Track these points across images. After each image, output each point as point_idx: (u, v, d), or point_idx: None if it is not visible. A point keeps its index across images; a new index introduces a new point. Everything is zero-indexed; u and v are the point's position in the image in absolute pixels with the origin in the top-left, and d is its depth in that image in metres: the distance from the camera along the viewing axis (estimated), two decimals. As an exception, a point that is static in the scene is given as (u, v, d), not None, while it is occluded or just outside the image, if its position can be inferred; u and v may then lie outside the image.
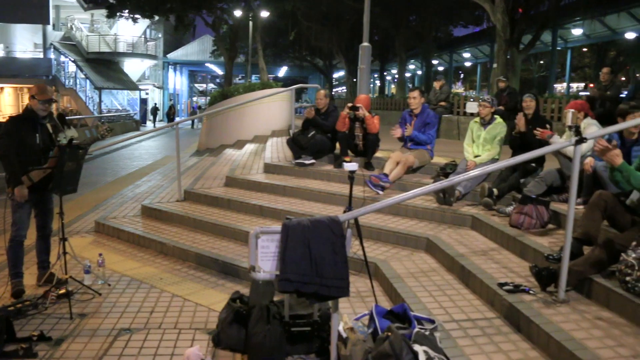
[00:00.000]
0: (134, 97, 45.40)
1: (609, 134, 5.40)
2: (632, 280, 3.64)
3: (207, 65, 52.52)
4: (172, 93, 51.51)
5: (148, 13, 28.68)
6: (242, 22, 30.79)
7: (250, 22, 30.17)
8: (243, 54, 38.44)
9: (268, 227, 3.08)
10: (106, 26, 41.92)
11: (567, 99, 11.27)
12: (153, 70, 48.77)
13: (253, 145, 11.24)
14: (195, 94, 63.08)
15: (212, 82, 65.57)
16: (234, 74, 38.99)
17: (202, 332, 4.24)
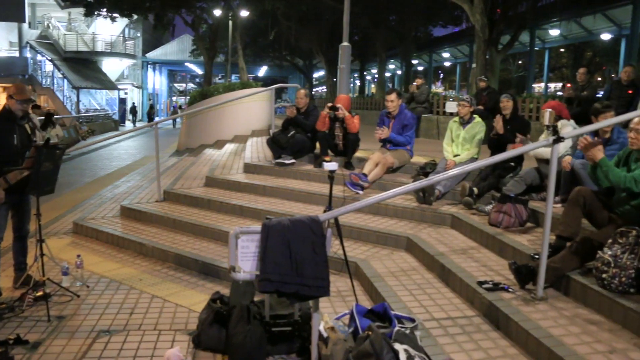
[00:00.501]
0: (113, 97, 44.95)
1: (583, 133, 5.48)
2: (608, 277, 3.70)
3: (186, 65, 52.19)
4: (151, 93, 51.10)
5: (126, 12, 28.43)
6: (222, 21, 30.64)
7: (230, 21, 30.04)
8: (223, 53, 38.31)
9: (248, 227, 3.08)
10: (84, 25, 41.45)
11: (545, 99, 11.40)
12: (132, 69, 48.35)
13: (233, 145, 11.20)
14: (174, 94, 62.70)
15: (192, 81, 65.21)
16: (214, 73, 38.84)
17: (182, 333, 4.22)
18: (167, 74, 57.07)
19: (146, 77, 50.24)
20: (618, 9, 20.56)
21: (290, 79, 54.39)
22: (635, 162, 4.11)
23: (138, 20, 41.59)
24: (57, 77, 38.34)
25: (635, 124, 4.05)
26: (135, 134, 27.40)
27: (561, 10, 20.11)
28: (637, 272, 3.64)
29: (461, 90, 35.65)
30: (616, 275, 3.66)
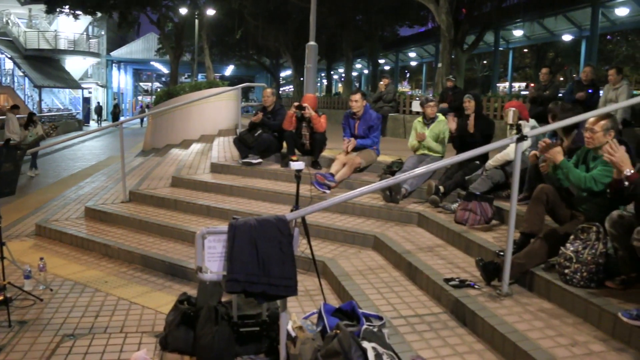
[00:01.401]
0: (77, 96, 44.14)
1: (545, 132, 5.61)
2: (570, 272, 3.79)
3: (152, 64, 51.57)
4: (116, 92, 50.33)
5: (90, 9, 27.96)
6: (188, 20, 30.39)
7: (196, 20, 29.79)
8: (189, 52, 37.95)
9: (215, 228, 3.06)
10: (45, 22, 40.54)
11: (510, 98, 11.61)
12: (96, 68, 47.52)
13: (200, 144, 11.12)
14: (140, 93, 61.87)
15: (158, 80, 64.45)
16: (180, 72, 38.50)
17: (149, 335, 4.17)
18: (132, 73, 56.29)
19: (111, 76, 49.46)
20: (578, 11, 21.03)
21: (257, 78, 54.24)
22: (594, 160, 4.22)
23: (102, 18, 40.87)
24: (17, 76, 37.48)
25: (591, 124, 4.17)
26: (100, 134, 26.95)
27: (524, 11, 20.47)
28: (597, 267, 3.74)
29: (427, 90, 36.01)
30: (578, 271, 3.75)
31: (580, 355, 3.16)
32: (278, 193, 7.07)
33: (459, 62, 17.82)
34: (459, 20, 17.63)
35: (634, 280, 3.71)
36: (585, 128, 4.24)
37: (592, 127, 4.14)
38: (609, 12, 20.39)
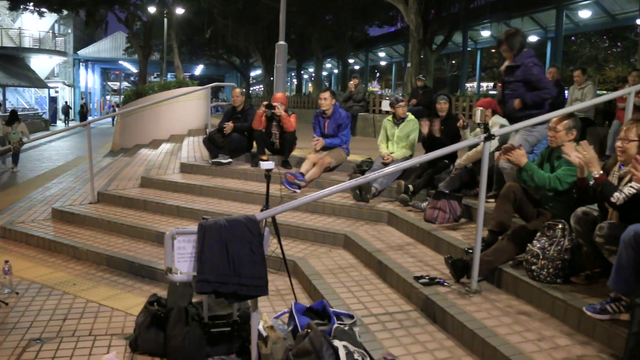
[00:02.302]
0: (43, 96, 43.28)
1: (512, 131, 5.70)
2: (537, 269, 3.86)
3: (120, 63, 50.89)
4: (84, 91, 49.52)
5: (55, 7, 27.42)
6: (157, 18, 30.04)
7: (165, 19, 29.49)
8: (158, 51, 37.56)
9: (184, 228, 3.04)
10: (9, 19, 39.63)
11: (478, 98, 11.77)
12: (63, 67, 46.68)
13: (169, 144, 11.02)
14: (108, 92, 61.00)
15: (126, 80, 63.65)
16: (149, 71, 38.01)
17: (119, 338, 4.11)
18: (100, 72, 55.46)
19: (78, 75, 48.65)
20: (543, 12, 21.43)
21: (227, 78, 53.93)
22: (558, 159, 4.32)
23: (68, 16, 40.14)
24: (-21, 74, 36.60)
25: (554, 123, 4.27)
26: (68, 134, 26.47)
27: (491, 12, 20.75)
28: (563, 263, 3.82)
29: (397, 89, 36.25)
30: (544, 267, 3.83)
31: (546, 350, 3.22)
32: (248, 193, 7.06)
33: (427, 61, 17.98)
34: (428, 21, 17.79)
35: (597, 275, 3.81)
36: (549, 127, 4.34)
37: (555, 126, 4.25)
38: (573, 14, 20.83)
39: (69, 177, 10.58)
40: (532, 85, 5.03)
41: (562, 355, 3.16)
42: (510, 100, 5.24)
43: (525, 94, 5.10)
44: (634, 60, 21.25)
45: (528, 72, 5.02)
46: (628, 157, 3.53)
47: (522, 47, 5.11)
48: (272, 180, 4.70)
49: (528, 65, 5.02)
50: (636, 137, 3.48)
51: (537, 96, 5.06)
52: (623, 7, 19.19)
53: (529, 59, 5.05)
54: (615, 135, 8.12)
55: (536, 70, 5.05)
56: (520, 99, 5.16)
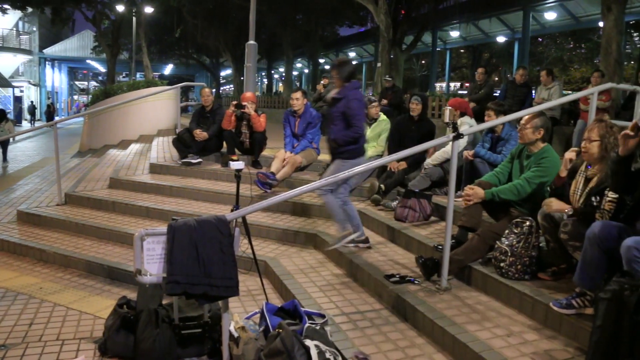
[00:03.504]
0: (7, 95, 42.34)
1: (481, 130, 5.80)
2: (505, 266, 3.93)
3: (88, 62, 50.10)
4: (50, 91, 48.61)
5: (19, 4, 26.84)
6: (125, 17, 29.66)
7: (134, 17, 29.12)
8: (126, 50, 37.11)
9: (153, 229, 3.01)
10: (-31, 16, 38.75)
11: (447, 97, 11.90)
12: (28, 66, 45.71)
13: (138, 145, 10.90)
14: (75, 92, 59.99)
15: (94, 79, 62.69)
16: (118, 71, 37.51)
17: (87, 342, 4.05)
18: (67, 72, 54.51)
19: (44, 74, 47.72)
20: (511, 14, 21.79)
21: (197, 78, 53.52)
22: (527, 158, 4.40)
23: (33, 14, 39.35)
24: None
25: (523, 122, 4.36)
26: (33, 134, 25.97)
27: (460, 13, 21.00)
28: (531, 260, 3.89)
29: (367, 89, 36.41)
30: (513, 264, 3.89)
31: (515, 345, 3.28)
32: (218, 193, 7.02)
33: (397, 61, 18.09)
34: (398, 21, 17.91)
35: (564, 271, 3.89)
36: (519, 125, 4.43)
37: (524, 124, 4.33)
38: (539, 16, 21.22)
39: (35, 179, 10.37)
40: (349, 119, 4.82)
41: (530, 349, 3.22)
42: (331, 132, 4.98)
43: (342, 131, 4.87)
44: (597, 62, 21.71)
45: (348, 106, 4.82)
46: (590, 157, 3.62)
47: (350, 78, 4.91)
48: (242, 180, 4.66)
49: (349, 98, 4.83)
50: (598, 137, 3.57)
51: (347, 136, 4.85)
52: (586, 10, 19.63)
53: (352, 92, 4.87)
54: (579, 134, 8.31)
55: (354, 105, 4.82)
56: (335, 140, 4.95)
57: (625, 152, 3.01)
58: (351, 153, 4.91)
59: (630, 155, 3.02)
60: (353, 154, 4.92)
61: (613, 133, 3.54)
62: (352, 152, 4.91)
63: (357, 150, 4.94)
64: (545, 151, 4.33)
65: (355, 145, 4.92)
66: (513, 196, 4.28)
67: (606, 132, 3.55)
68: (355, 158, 4.92)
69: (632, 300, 2.46)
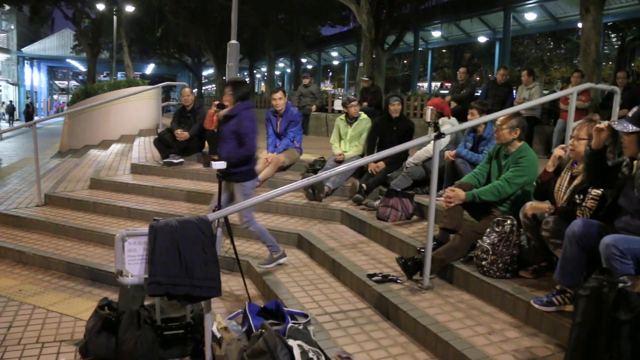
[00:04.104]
0: (-16, 95, 41.85)
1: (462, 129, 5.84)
2: (487, 264, 3.96)
3: (68, 61, 49.58)
4: (29, 90, 48.00)
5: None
6: (106, 16, 29.37)
7: (115, 16, 28.86)
8: (107, 50, 36.73)
9: (135, 230, 2.99)
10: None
11: (429, 97, 11.96)
12: (6, 65, 45.14)
13: (119, 145, 10.80)
14: (55, 92, 59.34)
15: (75, 79, 62.05)
16: (98, 70, 37.18)
17: (68, 344, 4.01)
18: (46, 71, 53.89)
19: (23, 73, 47.13)
20: (492, 14, 21.93)
21: (179, 77, 53.22)
22: (505, 158, 4.45)
23: (11, 11, 38.80)
24: None
25: (500, 122, 4.40)
26: (12, 134, 25.65)
27: (442, 13, 21.08)
28: (512, 258, 3.93)
29: (350, 88, 36.46)
30: (494, 262, 3.93)
31: (497, 343, 3.31)
32: (200, 193, 7.00)
33: (379, 61, 18.14)
34: (380, 21, 17.94)
35: (545, 269, 3.94)
36: (495, 126, 4.48)
37: (500, 125, 4.38)
38: (520, 17, 21.39)
39: (14, 179, 10.23)
40: (241, 137, 4.77)
41: (511, 347, 3.25)
42: (222, 151, 4.90)
43: (235, 149, 4.79)
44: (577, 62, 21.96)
45: (240, 124, 4.77)
46: (577, 155, 3.67)
47: (243, 98, 4.89)
48: (225, 180, 4.66)
49: (241, 117, 4.80)
50: (586, 135, 3.62)
51: (240, 154, 4.77)
52: (566, 11, 19.84)
53: (245, 111, 4.84)
54: (559, 133, 8.40)
55: (246, 123, 4.78)
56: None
57: (597, 145, 3.15)
58: (246, 174, 4.84)
59: (602, 148, 3.15)
60: (247, 175, 4.85)
61: None
62: (246, 173, 4.83)
63: (250, 172, 4.88)
64: (522, 150, 4.38)
65: (248, 167, 4.86)
66: (494, 197, 4.32)
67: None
68: (250, 180, 4.88)
69: (611, 296, 2.50)
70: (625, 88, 8.42)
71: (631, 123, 3.05)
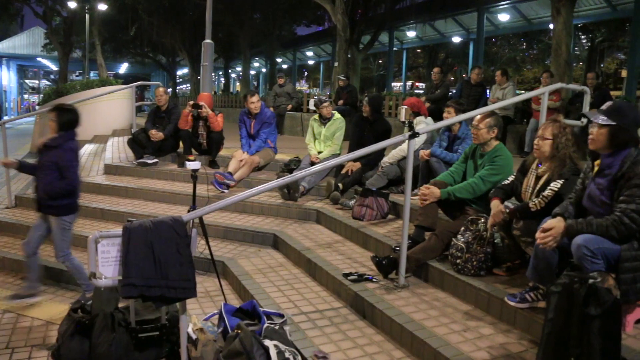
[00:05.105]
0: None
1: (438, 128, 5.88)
2: (461, 262, 4.00)
3: (39, 60, 48.69)
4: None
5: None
6: (78, 14, 28.92)
7: (87, 14, 28.43)
8: (79, 48, 36.18)
9: (108, 231, 2.96)
10: None
11: (404, 97, 12.02)
12: (-27, 63, 44.27)
13: (92, 145, 10.67)
14: (26, 91, 58.27)
15: (46, 78, 61.00)
16: (71, 69, 36.63)
17: (39, 349, 3.95)
18: (16, 70, 52.84)
19: (-10, 72, 46.24)
20: (466, 15, 22.14)
21: (153, 77, 52.70)
22: (481, 157, 4.49)
23: (-23, 9, 38.05)
24: None
25: (476, 121, 4.44)
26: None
27: (416, 13, 21.22)
28: (486, 256, 3.97)
29: (325, 88, 36.49)
30: (469, 260, 3.96)
31: (471, 340, 3.34)
32: (175, 194, 6.94)
33: (355, 61, 18.20)
34: (355, 21, 18.00)
35: (518, 266, 3.99)
36: (472, 125, 4.51)
37: (477, 124, 4.41)
38: (493, 17, 21.62)
39: (-17, 181, 10.06)
40: (62, 170, 4.47)
41: (486, 344, 3.28)
42: (40, 183, 4.58)
43: (55, 182, 4.47)
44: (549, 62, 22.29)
45: (62, 157, 4.47)
46: (542, 155, 3.72)
47: (69, 126, 4.60)
48: (199, 181, 4.64)
49: (64, 148, 4.50)
50: (551, 136, 3.67)
51: (59, 188, 4.46)
52: (538, 12, 20.11)
53: (69, 142, 4.55)
54: (532, 132, 8.52)
55: (68, 156, 4.51)
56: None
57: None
58: (65, 208, 4.55)
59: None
60: (67, 209, 4.57)
61: (565, 133, 3.66)
62: (66, 207, 4.56)
63: (71, 206, 4.59)
64: (498, 149, 4.42)
65: (70, 200, 4.57)
66: (468, 194, 4.36)
67: (559, 132, 3.66)
68: (70, 214, 4.61)
69: (581, 292, 2.54)
70: (595, 88, 8.58)
71: (604, 115, 3.08)
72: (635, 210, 2.90)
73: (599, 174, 3.17)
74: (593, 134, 3.12)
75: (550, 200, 3.50)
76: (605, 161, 3.14)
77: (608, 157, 3.12)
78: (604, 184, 3.11)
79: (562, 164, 3.62)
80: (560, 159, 3.63)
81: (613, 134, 3.05)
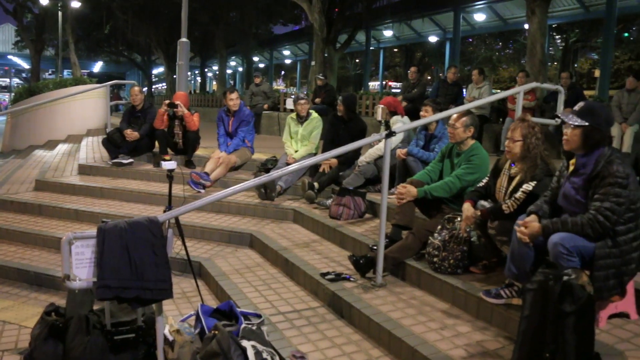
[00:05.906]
0: None
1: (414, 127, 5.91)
2: (438, 261, 4.02)
3: (9, 58, 47.93)
4: (-32, 88, 46.23)
5: None
6: (50, 11, 28.48)
7: (60, 12, 28.01)
8: (52, 46, 35.67)
9: (82, 232, 2.91)
10: None
11: (380, 96, 12.07)
12: (-59, 62, 43.36)
13: (66, 145, 10.53)
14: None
15: (17, 76, 60.07)
16: (43, 68, 36.12)
17: (11, 353, 3.87)
18: (-14, 68, 52.04)
19: (-39, 71, 45.35)
20: (442, 14, 22.36)
21: (128, 76, 52.21)
22: (457, 156, 4.52)
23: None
24: None
25: (453, 120, 4.47)
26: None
27: (393, 13, 21.36)
28: (462, 254, 3.99)
29: (302, 87, 36.49)
30: (445, 259, 3.99)
31: (449, 338, 3.36)
32: (151, 194, 6.88)
33: (331, 60, 18.24)
34: (332, 20, 18.04)
35: (494, 264, 4.02)
36: (449, 124, 4.53)
37: (453, 123, 4.44)
38: (469, 17, 21.86)
39: (-47, 182, 9.85)
40: None
41: (463, 341, 3.30)
42: None
43: None
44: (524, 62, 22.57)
45: None
46: (513, 156, 3.75)
47: None
48: (175, 181, 4.59)
49: None
50: (520, 137, 3.69)
51: None
52: (513, 12, 20.38)
53: None
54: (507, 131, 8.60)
55: None
56: None
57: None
58: None
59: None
60: None
61: (535, 133, 3.68)
62: None
63: None
64: (474, 148, 4.45)
65: None
66: (445, 193, 4.39)
67: (528, 132, 3.68)
68: None
69: (556, 289, 2.57)
70: (568, 88, 8.70)
71: (577, 116, 3.12)
72: (609, 208, 2.94)
73: (574, 174, 3.21)
74: (567, 134, 3.16)
75: (523, 202, 3.54)
76: (579, 161, 3.18)
77: (582, 157, 3.16)
78: (579, 183, 3.15)
79: (534, 164, 3.64)
80: (532, 159, 3.65)
81: (587, 135, 3.09)
